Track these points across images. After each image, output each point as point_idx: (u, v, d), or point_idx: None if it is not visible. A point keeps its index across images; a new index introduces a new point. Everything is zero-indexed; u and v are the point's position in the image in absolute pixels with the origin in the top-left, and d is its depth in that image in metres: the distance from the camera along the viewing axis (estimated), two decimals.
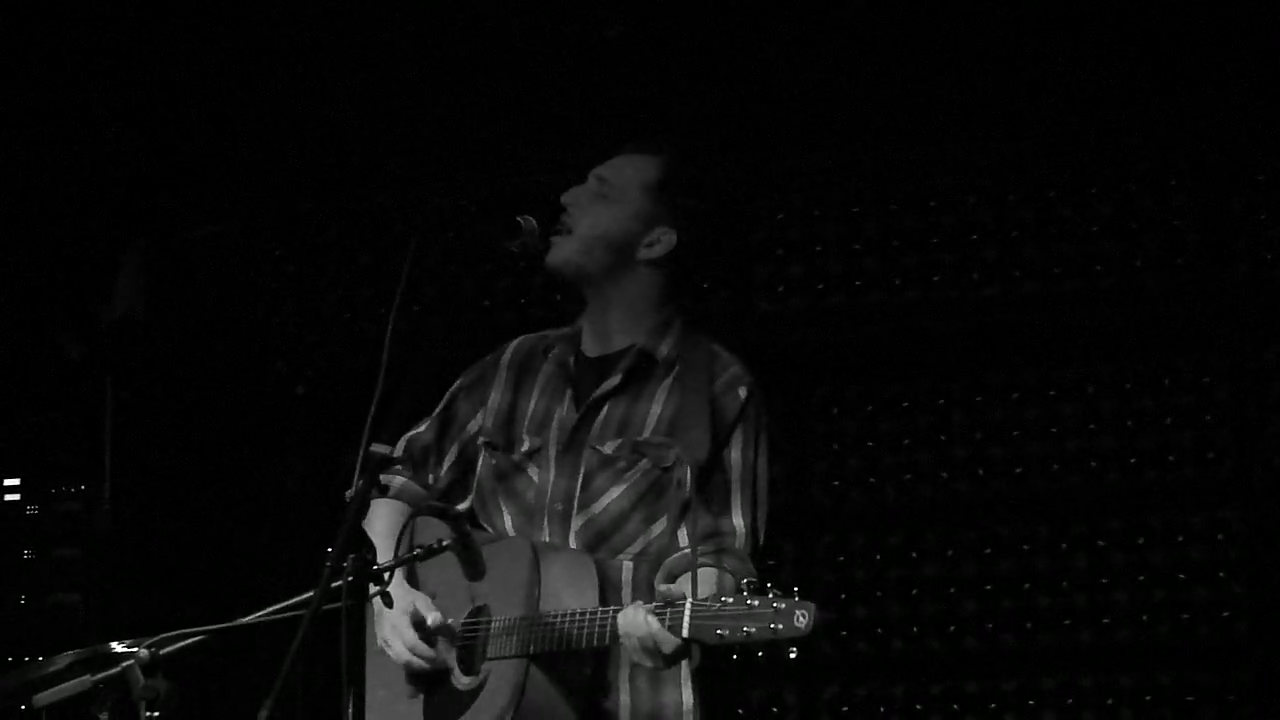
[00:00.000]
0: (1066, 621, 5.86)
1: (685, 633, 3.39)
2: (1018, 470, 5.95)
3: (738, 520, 3.85)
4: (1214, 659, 5.74)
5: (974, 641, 5.94)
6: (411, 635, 3.84)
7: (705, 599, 3.40)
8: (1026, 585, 5.91)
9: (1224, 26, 5.65)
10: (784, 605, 3.32)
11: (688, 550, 3.78)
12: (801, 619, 3.30)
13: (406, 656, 3.84)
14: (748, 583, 3.37)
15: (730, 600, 3.36)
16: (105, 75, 6.12)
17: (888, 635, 6.00)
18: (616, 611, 3.59)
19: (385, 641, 3.89)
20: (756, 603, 3.33)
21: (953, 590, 5.96)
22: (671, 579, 3.75)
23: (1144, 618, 5.80)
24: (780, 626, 3.30)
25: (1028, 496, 5.95)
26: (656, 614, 3.46)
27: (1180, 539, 5.82)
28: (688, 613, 3.40)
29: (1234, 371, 5.85)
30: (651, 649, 3.50)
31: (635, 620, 3.52)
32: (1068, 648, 5.86)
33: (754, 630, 3.32)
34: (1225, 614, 5.74)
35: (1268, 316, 5.80)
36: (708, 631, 3.36)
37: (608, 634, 3.59)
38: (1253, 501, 5.80)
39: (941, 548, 5.99)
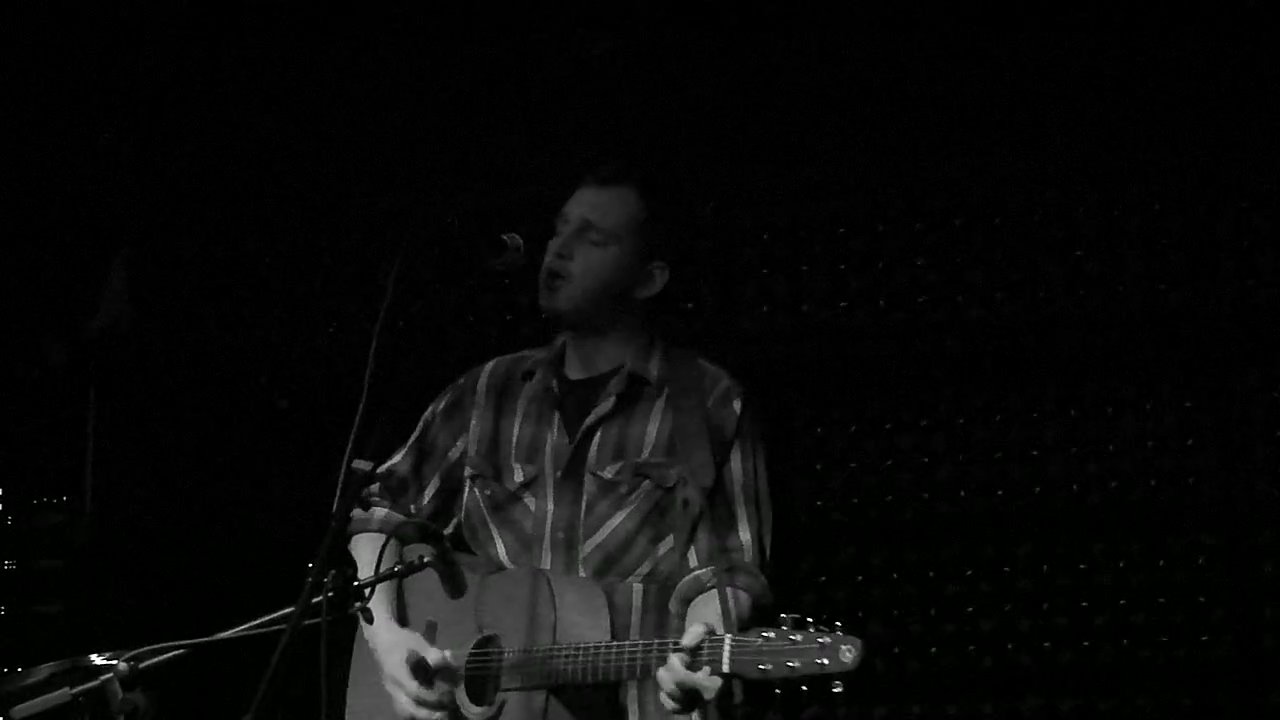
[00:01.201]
0: (1047, 643, 5.87)
1: (726, 668, 3.36)
2: (1000, 492, 5.96)
3: (744, 535, 3.85)
4: (1194, 682, 5.74)
5: (954, 662, 5.94)
6: (414, 686, 3.80)
7: (745, 634, 3.36)
8: (1007, 607, 5.91)
9: (1210, 49, 5.67)
10: (829, 640, 3.29)
11: (699, 572, 3.77)
12: (848, 654, 3.28)
13: (411, 710, 3.81)
14: (791, 618, 3.33)
15: (771, 635, 3.31)
16: (93, 84, 6.11)
17: (869, 656, 5.99)
18: (647, 650, 3.55)
19: (392, 688, 3.85)
20: (799, 637, 3.29)
21: (933, 612, 5.96)
22: (684, 603, 3.74)
23: (1124, 640, 5.81)
24: (827, 661, 3.27)
25: (1009, 518, 5.95)
26: (693, 655, 3.42)
27: (1161, 562, 5.83)
28: (727, 648, 3.37)
29: (1217, 395, 5.86)
30: (691, 692, 3.45)
31: (675, 671, 3.46)
32: (1048, 669, 5.86)
33: (799, 665, 3.28)
34: (1204, 638, 5.75)
35: (1251, 340, 5.82)
36: (749, 667, 3.32)
37: (637, 669, 3.58)
38: (1234, 525, 5.81)
39: (923, 568, 5.99)
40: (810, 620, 3.32)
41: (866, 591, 6.02)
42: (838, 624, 3.31)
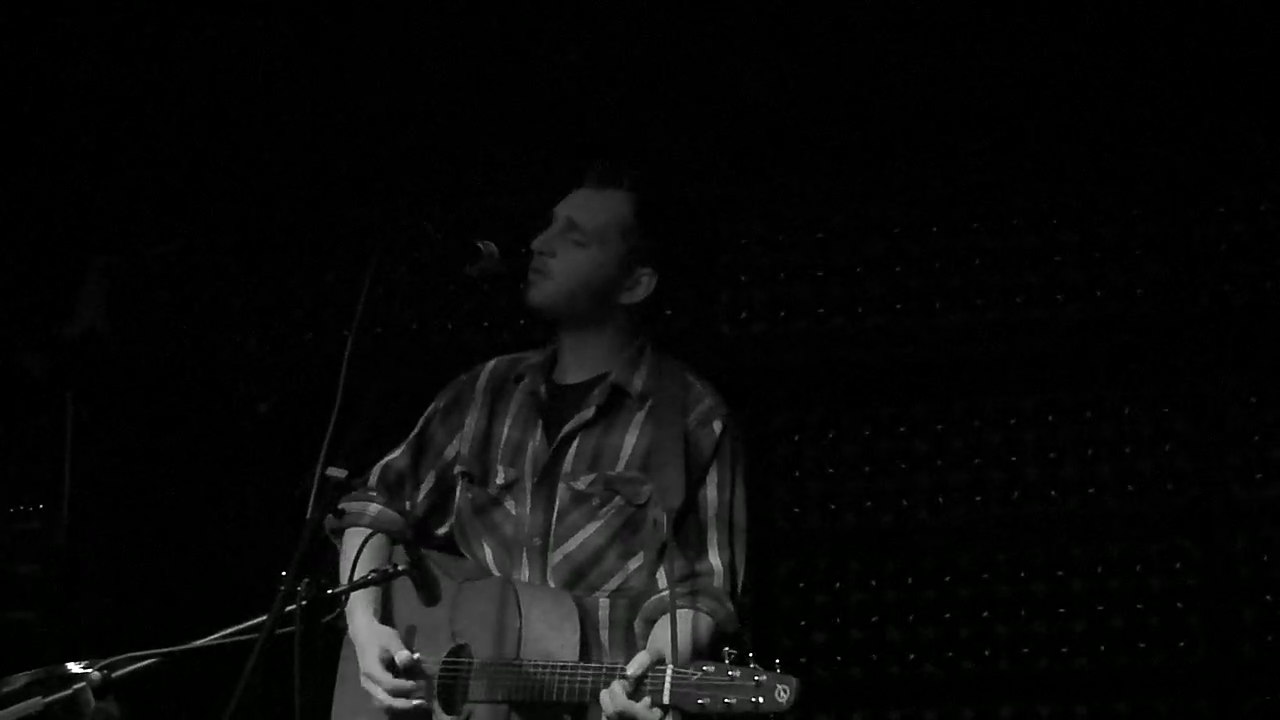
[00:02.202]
0: (1025, 649, 5.87)
1: (666, 699, 3.42)
2: (977, 498, 5.97)
3: (714, 560, 3.82)
4: (1171, 688, 5.75)
5: (933, 668, 5.94)
6: (389, 678, 3.81)
7: (685, 667, 3.42)
8: (985, 613, 5.92)
9: (1189, 57, 5.68)
10: (765, 678, 3.36)
11: (664, 593, 3.74)
12: (783, 694, 3.35)
13: (389, 700, 3.81)
14: (728, 652, 3.41)
15: (711, 669, 3.39)
16: (68, 92, 6.10)
17: (847, 662, 6.01)
18: (598, 675, 3.59)
19: (367, 683, 3.85)
20: (738, 674, 3.37)
21: (912, 617, 5.96)
22: (649, 624, 3.74)
23: (1101, 646, 5.82)
24: (761, 700, 3.34)
25: (987, 524, 5.96)
26: (637, 685, 3.47)
27: (1138, 568, 5.84)
28: (669, 681, 3.43)
29: (1193, 401, 5.87)
30: None
31: (617, 699, 3.51)
32: (1026, 675, 5.87)
33: (735, 702, 3.35)
34: (1181, 643, 5.76)
35: (1229, 346, 5.83)
36: (688, 700, 3.40)
37: (588, 692, 3.60)
38: (1211, 531, 5.82)
39: (901, 575, 6.00)
40: (750, 657, 3.40)
41: (845, 597, 6.02)
42: (777, 662, 3.38)
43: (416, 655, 3.84)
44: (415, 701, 3.79)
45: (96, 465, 6.29)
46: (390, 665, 3.81)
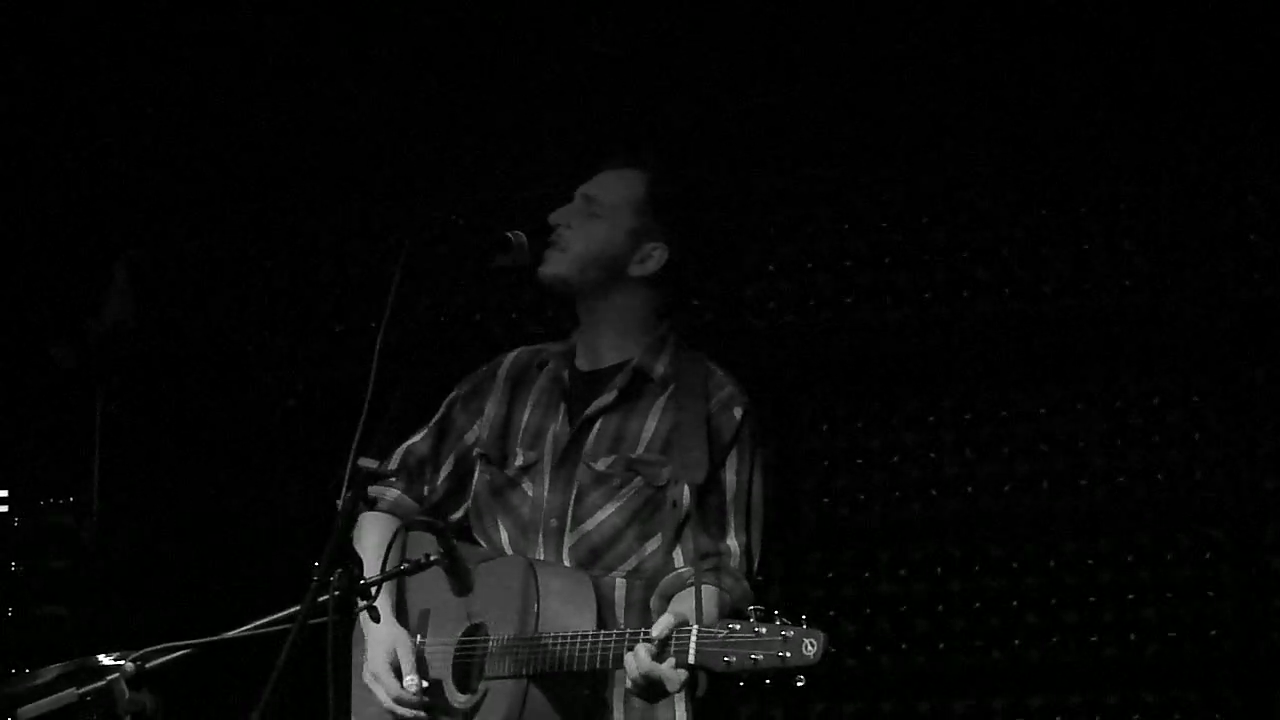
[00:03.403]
0: (1054, 639, 5.86)
1: (691, 659, 3.40)
2: (1006, 488, 5.96)
3: (732, 541, 3.85)
4: (1201, 678, 5.74)
5: (962, 658, 5.94)
6: (393, 683, 3.84)
7: (711, 626, 3.40)
8: (1015, 603, 5.91)
9: (1204, 46, 5.66)
10: (792, 634, 3.33)
11: (682, 570, 3.78)
12: (810, 648, 3.31)
13: (389, 705, 3.84)
14: (754, 610, 3.38)
15: (737, 627, 3.36)
16: (97, 85, 6.11)
17: (876, 652, 6.00)
18: (620, 641, 3.57)
19: (370, 680, 3.88)
20: (764, 630, 3.34)
21: (940, 608, 5.96)
22: (665, 600, 3.75)
23: (1131, 636, 5.81)
24: (789, 655, 3.31)
25: (1016, 514, 5.95)
26: (661, 647, 3.46)
27: (1169, 557, 5.83)
28: (694, 640, 3.41)
29: (1224, 391, 5.85)
30: (656, 682, 3.49)
31: (641, 661, 3.50)
32: (1055, 665, 5.86)
33: (761, 658, 3.32)
34: (1213, 632, 5.75)
35: (1258, 337, 5.81)
36: (714, 659, 3.37)
37: (610, 659, 3.59)
38: (1241, 521, 5.81)
39: (930, 565, 5.99)
40: (777, 614, 3.36)
41: (873, 587, 6.02)
42: (804, 618, 3.35)
43: (425, 684, 3.86)
44: (417, 715, 3.81)
45: (126, 458, 6.31)
46: (397, 668, 3.85)
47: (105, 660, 3.42)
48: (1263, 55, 5.64)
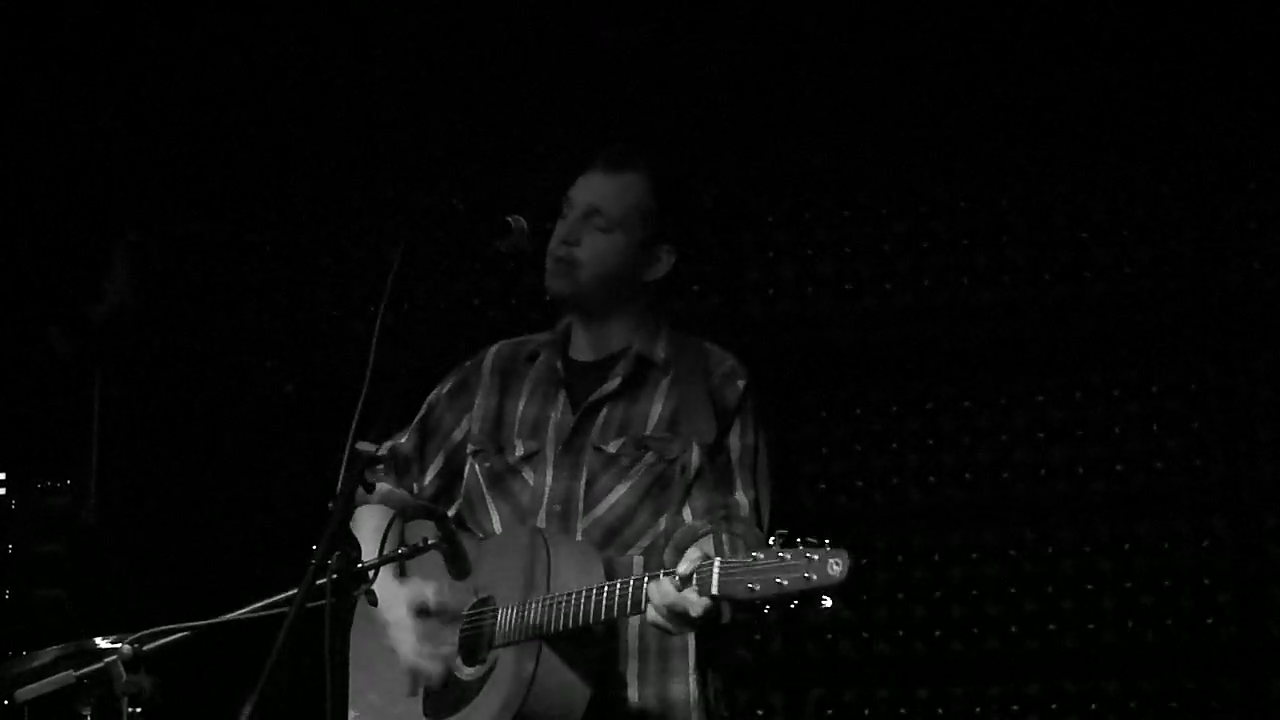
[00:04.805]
0: (1052, 626, 5.87)
1: (714, 590, 3.33)
2: (1004, 475, 5.96)
3: (741, 496, 3.84)
4: (1199, 665, 5.75)
5: (959, 645, 5.94)
6: (414, 639, 3.83)
7: (734, 557, 3.34)
8: (1012, 590, 5.92)
9: (1217, 35, 5.66)
10: (817, 555, 3.23)
11: (695, 523, 3.77)
12: (836, 566, 3.21)
13: (413, 659, 3.83)
14: (778, 534, 3.29)
15: (761, 555, 3.28)
16: (98, 70, 6.11)
17: (873, 638, 6.01)
18: (640, 585, 3.52)
19: (396, 633, 3.87)
20: (788, 555, 3.25)
21: (939, 594, 5.96)
22: (679, 552, 3.72)
23: (1129, 623, 5.81)
24: (814, 576, 3.21)
25: (1015, 502, 5.95)
26: (685, 582, 3.40)
27: (1166, 545, 5.83)
28: (716, 571, 3.34)
29: (1222, 379, 5.86)
30: (680, 613, 3.44)
31: (665, 593, 3.45)
32: (1054, 652, 5.87)
33: (786, 582, 3.23)
34: (1210, 620, 5.75)
35: (1257, 325, 5.81)
36: (739, 587, 3.28)
37: (629, 602, 3.53)
38: (1240, 509, 5.81)
39: (928, 552, 6.00)
40: (799, 538, 3.27)
41: (871, 574, 6.01)
42: (826, 540, 3.25)
43: (446, 592, 3.83)
44: (440, 665, 3.80)
45: (124, 443, 6.31)
46: (423, 611, 3.84)
47: (103, 643, 3.41)
48: (1264, 51, 5.64)
